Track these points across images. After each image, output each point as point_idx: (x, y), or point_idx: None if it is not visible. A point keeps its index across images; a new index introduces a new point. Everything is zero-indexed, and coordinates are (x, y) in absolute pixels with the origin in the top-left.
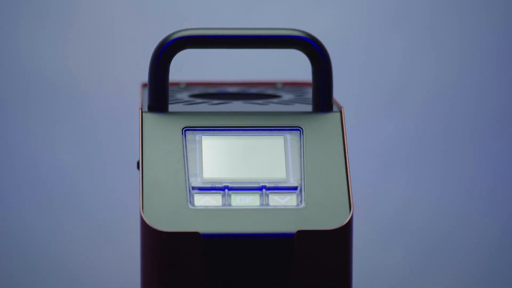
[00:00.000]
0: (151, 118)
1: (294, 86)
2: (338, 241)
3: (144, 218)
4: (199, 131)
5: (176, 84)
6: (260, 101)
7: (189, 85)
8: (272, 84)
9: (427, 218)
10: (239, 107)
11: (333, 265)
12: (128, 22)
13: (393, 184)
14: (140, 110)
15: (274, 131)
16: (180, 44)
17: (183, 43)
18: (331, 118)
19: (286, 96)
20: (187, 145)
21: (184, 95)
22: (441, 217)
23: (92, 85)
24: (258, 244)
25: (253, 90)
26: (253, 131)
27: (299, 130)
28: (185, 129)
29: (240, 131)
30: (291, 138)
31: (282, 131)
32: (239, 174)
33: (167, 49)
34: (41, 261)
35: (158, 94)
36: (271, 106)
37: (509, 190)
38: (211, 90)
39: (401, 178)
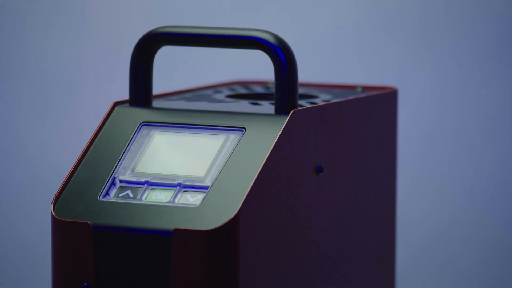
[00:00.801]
0: (120, 112)
1: (372, 89)
2: (217, 242)
3: (52, 204)
4: (154, 127)
5: (265, 83)
6: (267, 102)
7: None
8: (351, 88)
9: (427, 217)
10: (225, 107)
11: (215, 266)
12: (129, 20)
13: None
14: (114, 103)
15: (220, 131)
16: (154, 42)
17: (156, 40)
18: (276, 121)
19: (323, 97)
20: (138, 139)
21: (222, 96)
22: (441, 216)
23: (90, 82)
24: (141, 239)
25: (302, 91)
26: (201, 130)
27: (242, 131)
28: (142, 124)
29: (189, 129)
30: (234, 138)
31: (227, 131)
32: (165, 170)
33: (141, 46)
34: (35, 256)
35: (137, 90)
36: (259, 107)
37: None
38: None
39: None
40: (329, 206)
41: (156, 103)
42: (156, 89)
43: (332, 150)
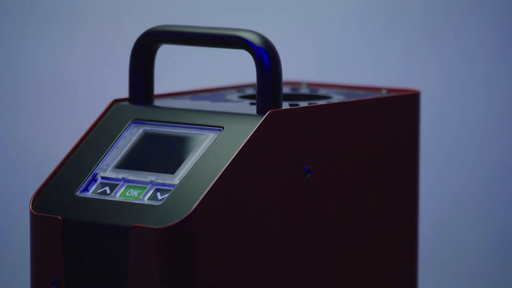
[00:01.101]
0: (117, 109)
1: (399, 92)
2: (169, 240)
3: (32, 198)
4: (145, 124)
5: (299, 83)
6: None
7: (309, 85)
8: (377, 90)
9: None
10: (219, 106)
11: (167, 264)
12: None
13: None
14: (113, 100)
15: (201, 129)
16: (148, 41)
17: (150, 39)
18: (252, 121)
19: (336, 98)
20: (127, 136)
21: (234, 96)
22: (441, 216)
23: (95, 80)
24: (105, 235)
25: (322, 92)
26: (185, 128)
27: (221, 130)
28: (134, 122)
29: (175, 127)
30: (212, 137)
31: (207, 130)
32: (143, 167)
33: (137, 45)
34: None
35: (135, 87)
36: (250, 107)
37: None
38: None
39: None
40: (320, 209)
41: (159, 102)
42: (189, 87)
43: (323, 152)
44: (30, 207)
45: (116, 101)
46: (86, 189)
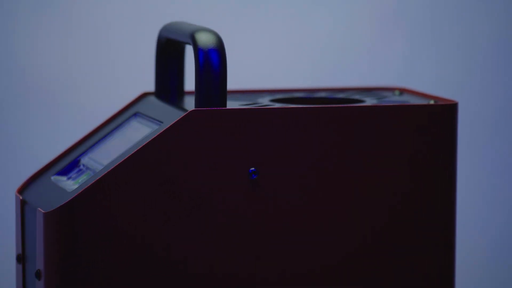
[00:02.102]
0: (140, 101)
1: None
2: (51, 224)
3: (25, 180)
4: (139, 117)
5: (393, 89)
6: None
7: (402, 91)
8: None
9: None
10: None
11: (53, 247)
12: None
13: None
14: (142, 93)
15: (155, 124)
16: (160, 36)
17: (162, 36)
18: (176, 118)
19: (369, 101)
20: (124, 127)
21: (265, 99)
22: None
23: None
24: (35, 217)
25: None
26: (149, 121)
27: (160, 125)
28: (135, 114)
29: (147, 121)
30: (150, 131)
31: (156, 124)
32: (100, 157)
33: (157, 41)
34: None
35: (159, 82)
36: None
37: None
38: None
39: None
40: (268, 212)
41: (187, 98)
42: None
43: (276, 155)
44: (16, 188)
45: (145, 94)
46: (64, 173)
